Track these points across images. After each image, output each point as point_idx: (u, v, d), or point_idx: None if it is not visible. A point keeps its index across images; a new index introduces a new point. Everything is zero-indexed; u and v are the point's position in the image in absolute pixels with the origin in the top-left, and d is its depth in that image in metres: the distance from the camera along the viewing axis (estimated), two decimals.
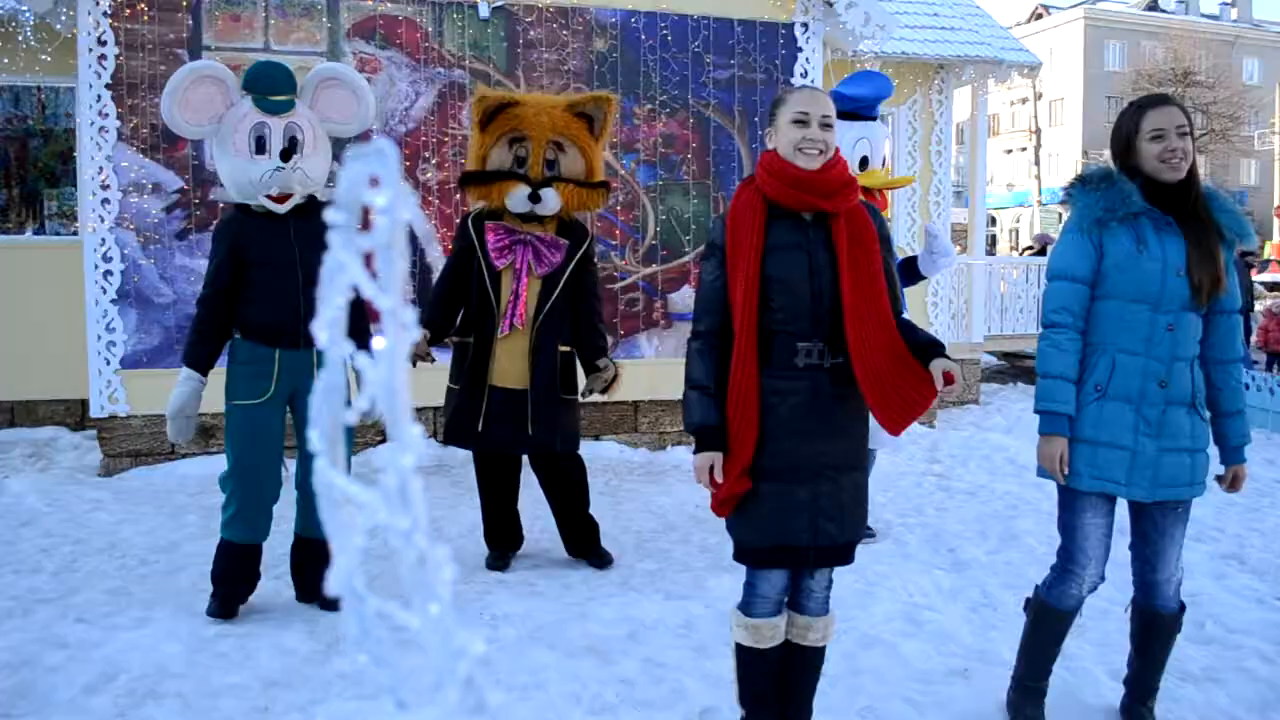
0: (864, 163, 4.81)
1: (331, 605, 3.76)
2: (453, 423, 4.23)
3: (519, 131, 4.21)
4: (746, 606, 2.67)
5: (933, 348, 2.53)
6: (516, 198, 4.15)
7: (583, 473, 4.40)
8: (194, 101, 3.65)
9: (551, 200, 4.17)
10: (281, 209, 3.66)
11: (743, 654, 2.71)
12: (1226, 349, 2.74)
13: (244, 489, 3.63)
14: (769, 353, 2.53)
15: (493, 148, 4.24)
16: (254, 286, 3.64)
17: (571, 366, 4.32)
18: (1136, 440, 2.64)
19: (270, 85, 3.68)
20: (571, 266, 4.23)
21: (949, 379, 2.46)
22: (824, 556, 2.59)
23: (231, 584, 3.69)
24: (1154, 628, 2.86)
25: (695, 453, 2.57)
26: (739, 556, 2.65)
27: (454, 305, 4.27)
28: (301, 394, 3.68)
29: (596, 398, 4.52)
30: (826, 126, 2.54)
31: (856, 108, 4.77)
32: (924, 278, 4.97)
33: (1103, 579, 2.80)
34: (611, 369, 4.24)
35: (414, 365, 4.15)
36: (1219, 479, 2.81)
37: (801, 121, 2.52)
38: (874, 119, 4.91)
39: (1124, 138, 2.72)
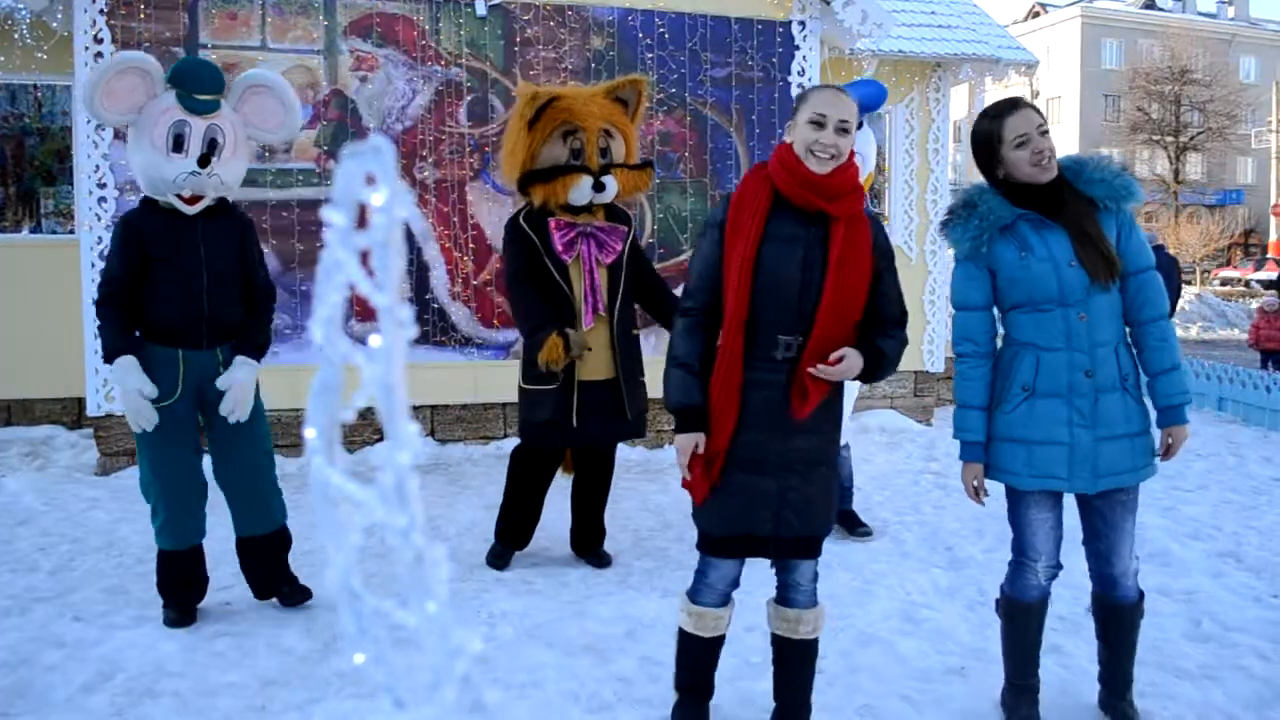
0: None
1: (293, 598, 3.72)
2: (546, 423, 4.13)
3: (570, 124, 4.16)
4: (694, 593, 2.75)
5: (866, 345, 2.57)
6: (581, 189, 4.12)
7: (613, 467, 4.45)
8: (117, 90, 3.52)
9: (613, 188, 4.18)
10: (191, 210, 3.54)
11: (684, 640, 2.79)
12: (1144, 308, 2.73)
13: (169, 493, 3.53)
14: (751, 342, 2.55)
15: (543, 145, 4.17)
16: (157, 285, 3.52)
17: (641, 351, 4.36)
18: (1072, 433, 2.65)
19: (196, 83, 3.56)
20: (629, 252, 4.27)
21: (831, 362, 2.50)
22: (785, 547, 2.62)
23: (182, 590, 3.61)
24: (1116, 619, 2.87)
25: (677, 432, 2.58)
26: (702, 545, 2.69)
27: (547, 301, 4.16)
28: (207, 394, 3.58)
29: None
30: (843, 131, 2.54)
31: None
32: None
33: (1060, 566, 2.83)
34: None
35: (580, 356, 4.05)
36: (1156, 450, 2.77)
37: (818, 123, 2.53)
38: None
39: (987, 147, 2.75)
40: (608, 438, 4.28)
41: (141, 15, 5.87)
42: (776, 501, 2.57)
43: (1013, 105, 2.74)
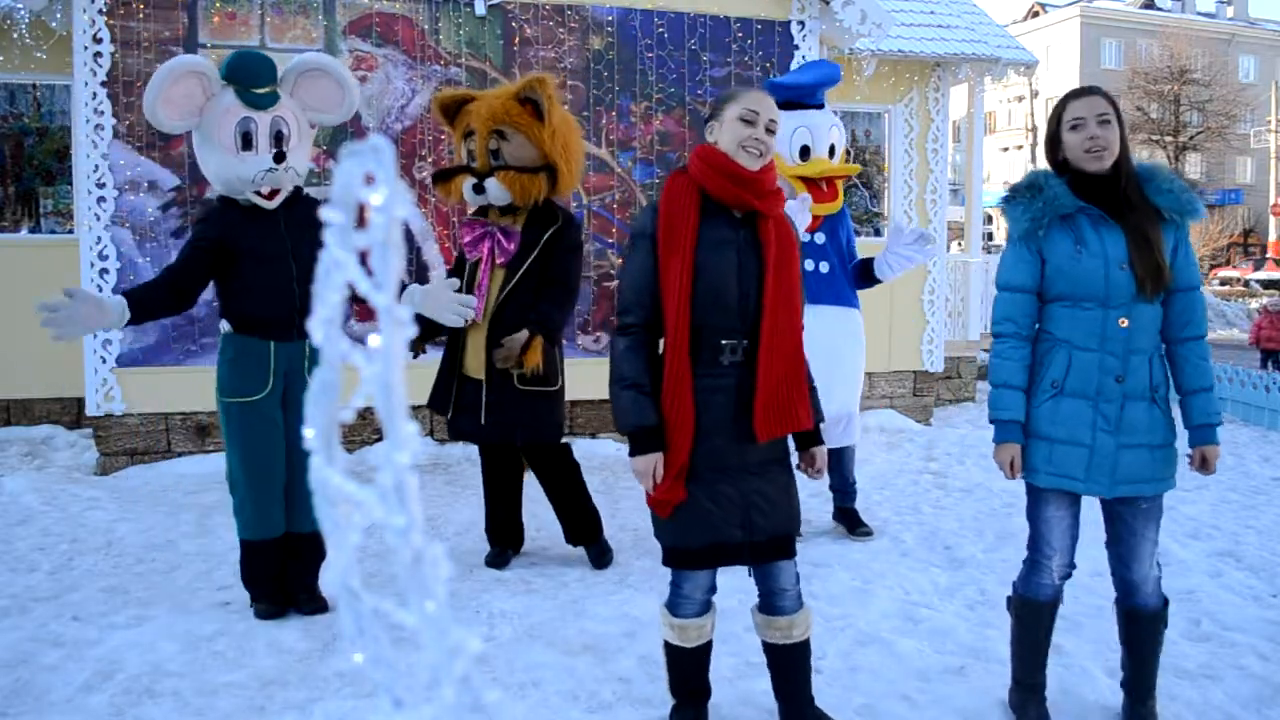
0: (804, 152, 4.74)
1: (311, 608, 3.68)
2: (433, 407, 4.31)
3: (469, 126, 4.25)
4: (672, 606, 2.72)
5: None
6: (466, 190, 4.22)
7: (563, 463, 4.33)
8: (176, 98, 3.52)
9: (494, 190, 4.15)
10: (272, 205, 3.60)
11: (671, 652, 2.79)
12: (1183, 326, 2.71)
13: (256, 487, 3.56)
14: (696, 350, 2.55)
15: (459, 147, 4.34)
16: (245, 279, 3.56)
17: (548, 359, 4.17)
18: (1094, 437, 2.64)
19: (252, 78, 3.57)
20: (535, 255, 4.15)
21: None
22: (759, 551, 2.60)
23: (269, 581, 3.64)
24: (1138, 626, 2.84)
25: (633, 455, 2.53)
26: (671, 560, 2.64)
27: None
28: (293, 385, 3.64)
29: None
30: (771, 131, 2.58)
31: (796, 96, 4.73)
32: (877, 282, 4.74)
33: (1074, 566, 2.83)
34: (516, 341, 4.01)
35: (414, 356, 4.15)
36: (1189, 458, 2.78)
37: (749, 121, 2.55)
38: (817, 106, 4.84)
39: (1051, 131, 2.75)
40: (471, 436, 4.25)
41: (140, 15, 5.87)
42: (741, 506, 2.55)
43: (1082, 91, 2.73)
